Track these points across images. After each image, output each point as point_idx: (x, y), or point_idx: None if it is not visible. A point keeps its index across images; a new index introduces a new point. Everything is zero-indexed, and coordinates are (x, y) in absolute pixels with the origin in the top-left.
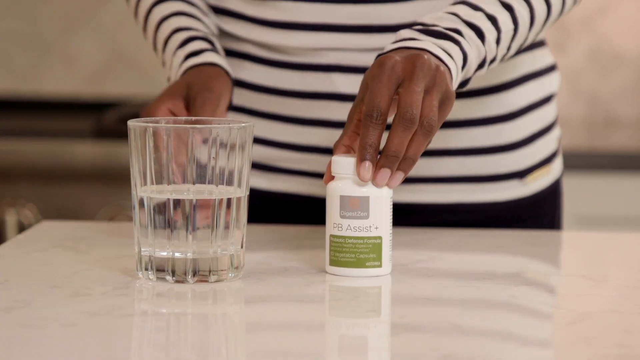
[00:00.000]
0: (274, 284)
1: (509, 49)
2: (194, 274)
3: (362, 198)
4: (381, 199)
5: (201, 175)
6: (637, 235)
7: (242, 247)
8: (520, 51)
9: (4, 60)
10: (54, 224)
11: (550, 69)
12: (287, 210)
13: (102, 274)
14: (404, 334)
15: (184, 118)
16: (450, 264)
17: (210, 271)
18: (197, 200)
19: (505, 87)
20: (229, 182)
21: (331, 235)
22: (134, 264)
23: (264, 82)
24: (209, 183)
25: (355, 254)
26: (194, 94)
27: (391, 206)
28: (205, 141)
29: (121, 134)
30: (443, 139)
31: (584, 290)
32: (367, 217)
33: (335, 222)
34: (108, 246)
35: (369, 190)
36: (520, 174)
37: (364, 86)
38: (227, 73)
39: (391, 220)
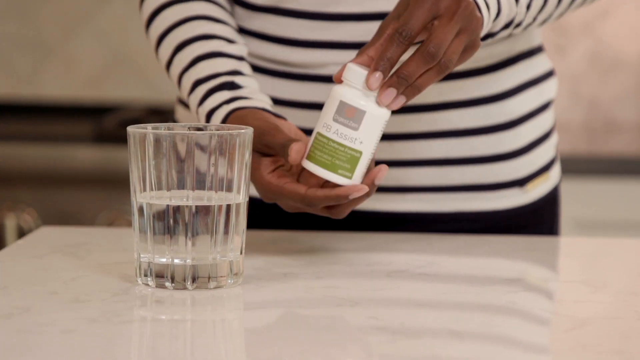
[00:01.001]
0: (273, 290)
1: (534, 19)
2: (193, 280)
3: (358, 110)
4: (376, 118)
5: (200, 182)
6: (635, 241)
7: (241, 253)
8: (519, 57)
9: (4, 63)
10: (53, 230)
11: (549, 74)
12: (286, 217)
13: (102, 280)
14: (403, 340)
15: (183, 124)
16: (450, 270)
17: (209, 277)
18: (196, 206)
19: (505, 95)
20: (228, 189)
21: (318, 133)
22: (133, 270)
23: (263, 91)
24: (208, 189)
25: (332, 157)
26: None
27: (382, 130)
28: (204, 147)
29: (121, 138)
30: (445, 148)
31: (582, 296)
32: (356, 129)
33: (327, 122)
34: (107, 252)
35: (367, 105)
36: (521, 182)
37: (404, 3)
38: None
39: (377, 143)
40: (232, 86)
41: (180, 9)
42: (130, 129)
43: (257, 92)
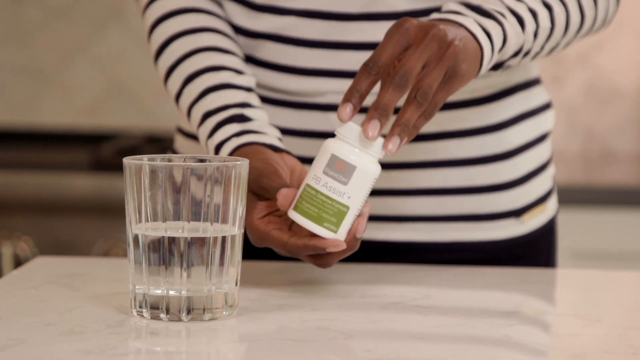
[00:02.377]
0: (268, 322)
1: (542, 48)
2: (188, 312)
3: (349, 165)
4: (366, 175)
5: (196, 213)
6: (631, 273)
7: (236, 284)
8: (516, 89)
9: (2, 91)
10: (49, 260)
11: (546, 106)
12: None
13: (97, 312)
14: None
15: (179, 155)
16: (446, 302)
17: (204, 309)
18: (191, 238)
19: (502, 126)
20: (224, 220)
21: (307, 184)
22: (128, 301)
23: None
24: (203, 221)
25: (319, 210)
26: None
27: (371, 187)
28: (200, 178)
29: (118, 167)
30: (442, 177)
31: (577, 329)
32: (346, 183)
33: (316, 174)
34: (103, 283)
35: (359, 161)
36: (517, 213)
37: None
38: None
39: (365, 199)
40: (242, 119)
41: (188, 41)
42: (126, 160)
43: (266, 124)
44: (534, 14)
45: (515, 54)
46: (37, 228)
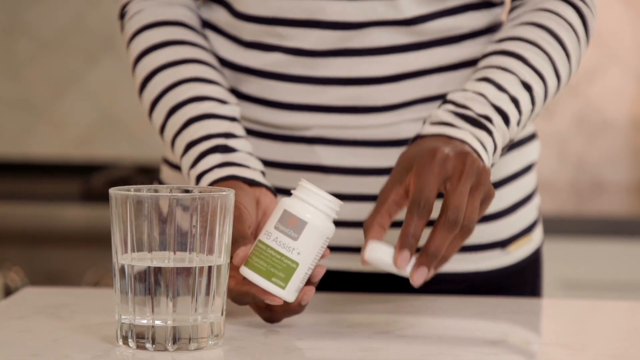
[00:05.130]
0: (254, 352)
1: (524, 127)
2: (174, 341)
3: (300, 220)
4: (317, 232)
5: (182, 243)
6: (616, 303)
7: (222, 314)
8: None
9: None
10: (37, 290)
11: (531, 137)
12: None
13: (83, 342)
14: None
15: (165, 186)
16: (432, 331)
17: (190, 339)
18: (177, 268)
19: None
20: (210, 251)
21: (258, 240)
22: (114, 331)
23: None
24: (189, 251)
25: (268, 265)
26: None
27: (323, 246)
28: (186, 209)
29: (108, 197)
30: None
31: (562, 359)
32: (296, 239)
33: (268, 229)
34: (90, 313)
35: (311, 218)
36: (502, 244)
37: (405, 168)
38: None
39: (316, 259)
40: (225, 149)
41: (172, 73)
42: (112, 190)
43: (249, 157)
44: (516, 103)
45: (504, 149)
46: (27, 258)
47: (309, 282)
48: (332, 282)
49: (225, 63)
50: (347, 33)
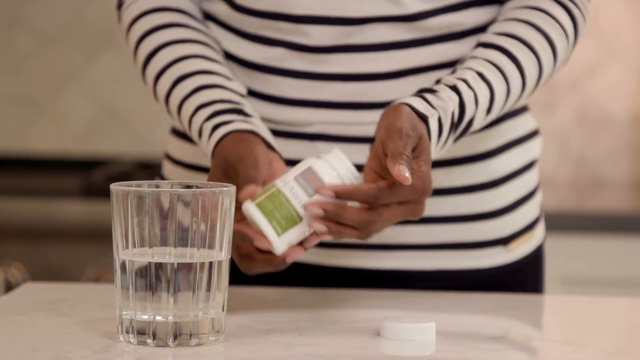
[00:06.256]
0: (255, 348)
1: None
2: (175, 337)
3: (321, 181)
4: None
5: (183, 239)
6: (617, 299)
7: (223, 310)
8: (504, 117)
9: None
10: (37, 286)
11: (533, 134)
12: (270, 274)
13: (83, 337)
14: None
15: (166, 181)
16: None
17: (191, 335)
18: (178, 264)
19: (490, 155)
20: (210, 246)
21: (274, 184)
22: (115, 327)
23: None
24: (190, 246)
25: (274, 208)
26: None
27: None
28: (187, 204)
29: (109, 193)
30: (429, 206)
31: (563, 355)
32: (311, 195)
33: (287, 178)
34: (91, 308)
35: (332, 182)
36: (504, 241)
37: (389, 132)
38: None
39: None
40: (242, 113)
41: (177, 49)
42: (113, 186)
43: (264, 126)
44: (489, 85)
45: (463, 129)
46: (28, 254)
47: (300, 244)
48: (335, 279)
49: (226, 55)
50: (349, 29)
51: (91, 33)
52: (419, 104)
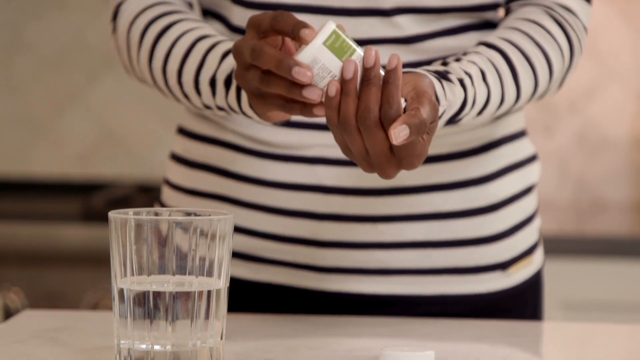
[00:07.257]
0: None
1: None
2: None
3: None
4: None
5: (181, 267)
6: (618, 326)
7: (221, 338)
8: (502, 142)
9: None
10: (36, 313)
11: (532, 159)
12: (268, 300)
13: None
14: None
15: (165, 209)
16: None
17: None
18: (176, 292)
19: (488, 179)
20: (209, 274)
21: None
22: (113, 356)
23: (247, 172)
24: (189, 274)
25: (336, 40)
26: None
27: (332, 76)
28: (185, 232)
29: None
30: (427, 230)
31: None
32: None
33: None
34: (89, 337)
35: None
36: (503, 266)
37: (419, 94)
38: None
39: (332, 73)
40: None
41: (169, 19)
42: (112, 214)
43: None
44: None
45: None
46: (27, 279)
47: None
48: (333, 305)
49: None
50: None
51: (91, 55)
52: (439, 90)
